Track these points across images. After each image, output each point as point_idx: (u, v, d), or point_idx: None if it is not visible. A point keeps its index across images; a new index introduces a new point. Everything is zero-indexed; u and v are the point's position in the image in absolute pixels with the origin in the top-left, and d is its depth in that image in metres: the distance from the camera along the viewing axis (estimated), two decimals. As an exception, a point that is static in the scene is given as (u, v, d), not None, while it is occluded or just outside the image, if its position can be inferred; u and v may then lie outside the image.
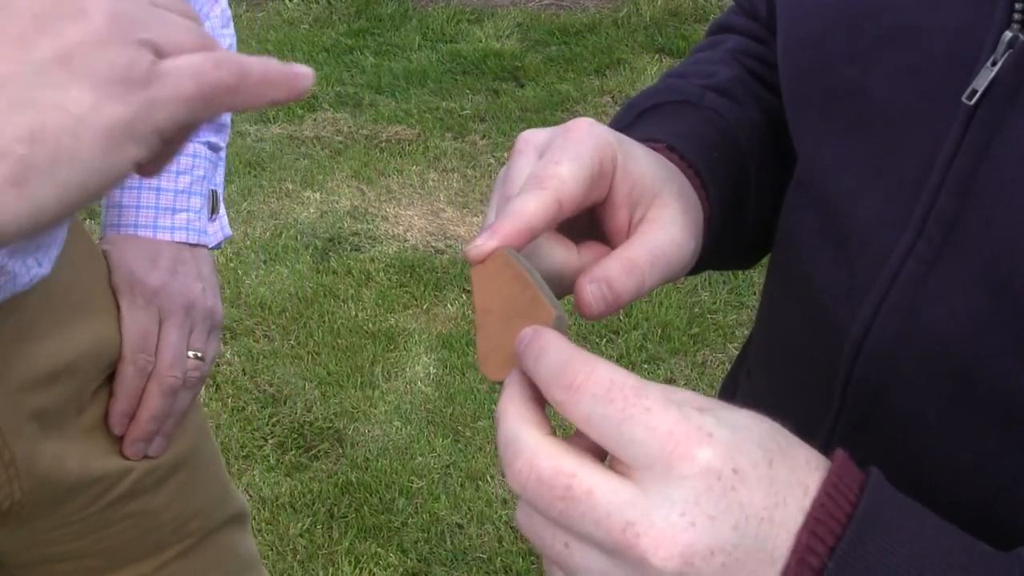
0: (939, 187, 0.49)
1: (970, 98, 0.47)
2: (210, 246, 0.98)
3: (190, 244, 0.95)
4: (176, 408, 0.91)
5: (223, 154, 1.03)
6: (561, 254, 0.53)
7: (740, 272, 2.80)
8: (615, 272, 0.51)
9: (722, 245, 0.64)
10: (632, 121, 0.66)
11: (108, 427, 0.89)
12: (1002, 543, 0.49)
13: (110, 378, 0.89)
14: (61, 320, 0.82)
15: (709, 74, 0.69)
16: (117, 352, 0.87)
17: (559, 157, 0.51)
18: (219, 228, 1.01)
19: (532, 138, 0.54)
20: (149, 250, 0.92)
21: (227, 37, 1.01)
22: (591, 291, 0.50)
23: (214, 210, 1.00)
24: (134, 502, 0.91)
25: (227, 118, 1.02)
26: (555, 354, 0.43)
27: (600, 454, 0.43)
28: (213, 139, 1.01)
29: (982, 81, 0.47)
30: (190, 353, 0.92)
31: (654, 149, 0.58)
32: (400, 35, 4.35)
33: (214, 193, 1.00)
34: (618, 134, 0.54)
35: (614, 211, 0.54)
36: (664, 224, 0.53)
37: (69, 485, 0.85)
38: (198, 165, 0.97)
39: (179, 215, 0.95)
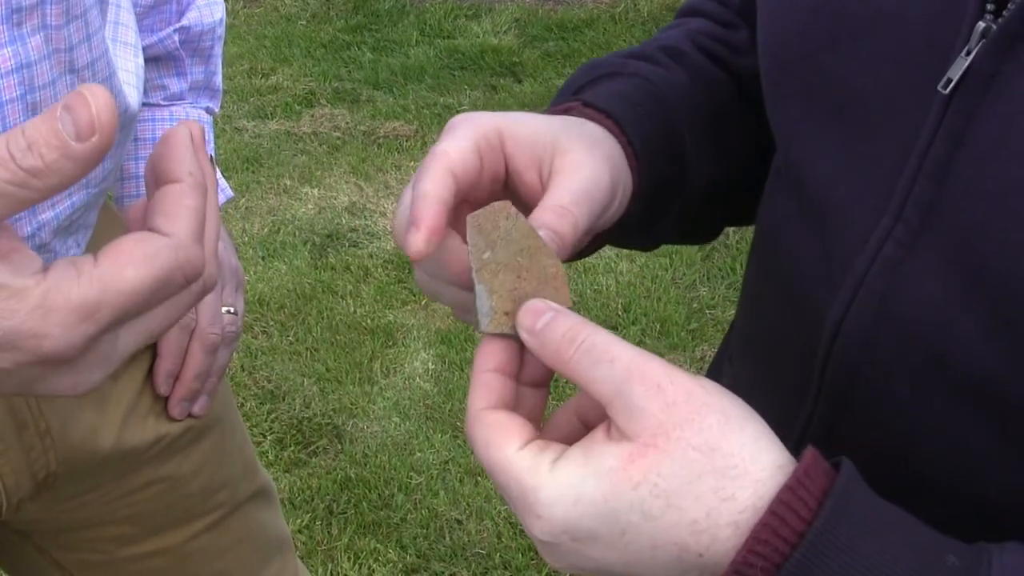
0: (916, 173, 0.50)
1: (945, 87, 0.48)
2: None
3: None
4: (217, 365, 0.94)
5: (213, 115, 1.07)
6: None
7: (738, 267, 2.81)
8: (549, 218, 0.52)
9: (666, 209, 0.65)
10: (562, 102, 0.66)
11: (150, 392, 0.91)
12: (977, 520, 0.50)
13: (143, 349, 0.90)
14: None
15: (640, 50, 0.70)
16: None
17: (440, 142, 0.53)
18: (220, 190, 1.03)
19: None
20: None
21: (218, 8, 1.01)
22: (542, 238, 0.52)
23: None
24: (163, 467, 0.93)
25: (219, 82, 1.05)
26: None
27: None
28: (211, 104, 1.04)
29: (957, 70, 0.48)
30: (224, 309, 0.94)
31: (567, 111, 0.60)
32: (397, 31, 4.34)
33: (211, 157, 1.02)
34: (499, 113, 0.56)
35: (522, 176, 0.55)
36: (572, 167, 0.54)
37: (103, 456, 0.86)
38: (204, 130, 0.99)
39: None
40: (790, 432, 0.60)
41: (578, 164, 0.54)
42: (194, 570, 0.99)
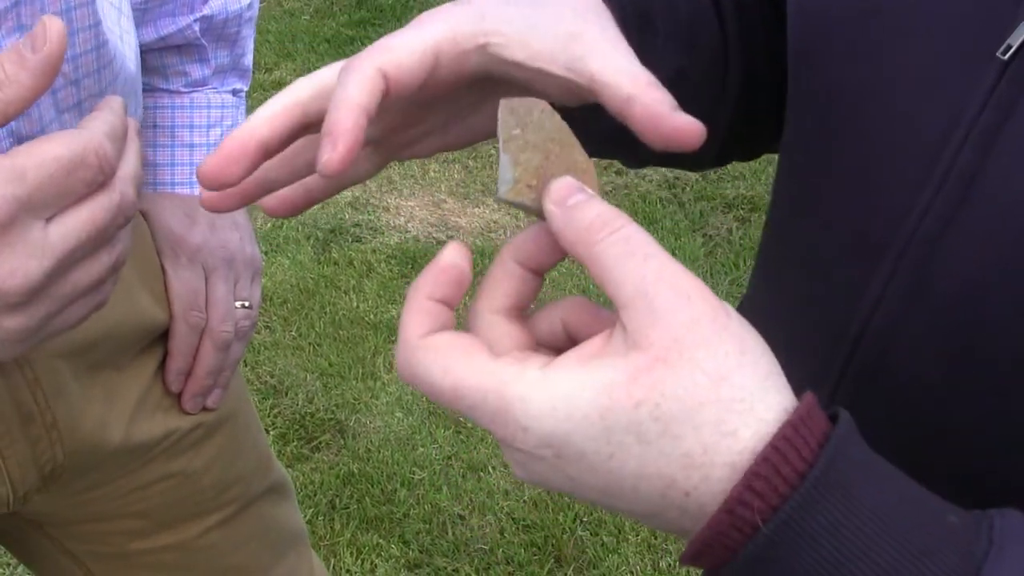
0: (963, 142, 0.48)
1: (1004, 53, 0.46)
2: None
3: None
4: (231, 359, 0.93)
5: (244, 94, 1.03)
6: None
7: (741, 264, 2.81)
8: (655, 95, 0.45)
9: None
10: None
11: (159, 387, 0.90)
12: (997, 506, 0.48)
13: (152, 343, 0.90)
14: None
15: None
16: (157, 319, 0.88)
17: (392, 35, 0.45)
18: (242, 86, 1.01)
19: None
20: (186, 207, 0.92)
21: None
22: (654, 100, 0.44)
23: None
24: (174, 462, 0.92)
25: (249, 62, 1.02)
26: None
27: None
28: (238, 86, 1.01)
29: (1020, 36, 0.46)
30: (237, 303, 0.93)
31: None
32: (401, 26, 4.32)
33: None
34: (495, 11, 0.47)
35: (543, 77, 0.47)
36: (609, 48, 0.47)
37: (111, 450, 0.86)
38: (227, 115, 0.98)
39: None
40: None
41: (612, 44, 0.47)
42: (207, 564, 0.99)
